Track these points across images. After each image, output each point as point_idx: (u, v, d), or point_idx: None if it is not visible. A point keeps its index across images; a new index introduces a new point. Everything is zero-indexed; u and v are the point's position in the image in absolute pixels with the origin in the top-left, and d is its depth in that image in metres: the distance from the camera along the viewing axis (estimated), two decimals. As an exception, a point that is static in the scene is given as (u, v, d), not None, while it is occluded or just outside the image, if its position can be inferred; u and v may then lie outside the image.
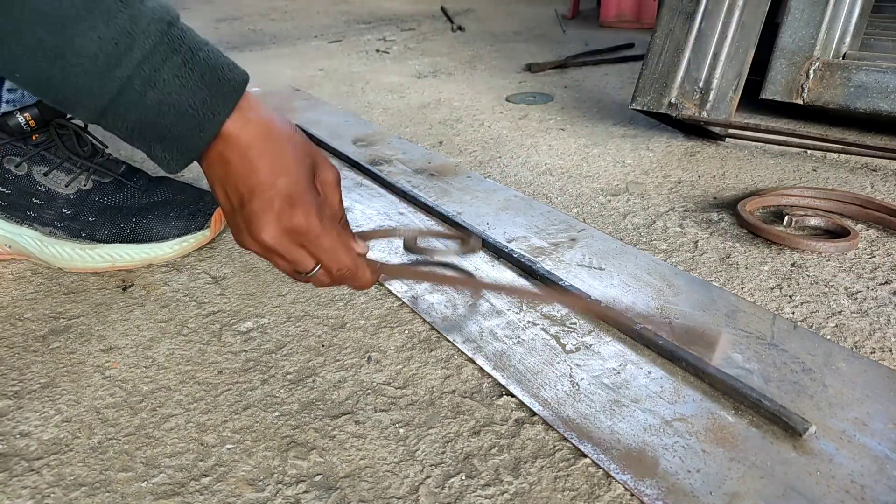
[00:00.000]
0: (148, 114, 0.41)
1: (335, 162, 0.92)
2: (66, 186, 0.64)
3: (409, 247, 0.57)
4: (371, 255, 0.51)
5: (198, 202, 0.68)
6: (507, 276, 0.62)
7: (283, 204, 0.45)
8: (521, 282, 0.55)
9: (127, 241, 0.64)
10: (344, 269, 0.49)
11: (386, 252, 0.67)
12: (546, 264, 0.61)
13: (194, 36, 0.43)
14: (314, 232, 0.47)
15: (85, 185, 0.65)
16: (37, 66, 0.39)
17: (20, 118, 0.62)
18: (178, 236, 0.65)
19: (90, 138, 0.68)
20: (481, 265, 0.64)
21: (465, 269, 0.60)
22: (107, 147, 0.69)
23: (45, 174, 0.64)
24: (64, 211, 0.64)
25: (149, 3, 0.42)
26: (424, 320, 0.55)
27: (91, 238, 0.64)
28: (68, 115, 0.67)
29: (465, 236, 0.64)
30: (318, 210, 0.47)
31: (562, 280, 0.59)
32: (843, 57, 0.97)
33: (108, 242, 0.64)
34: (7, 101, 0.62)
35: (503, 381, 0.48)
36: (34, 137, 0.64)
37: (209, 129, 0.43)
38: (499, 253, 0.65)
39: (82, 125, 0.68)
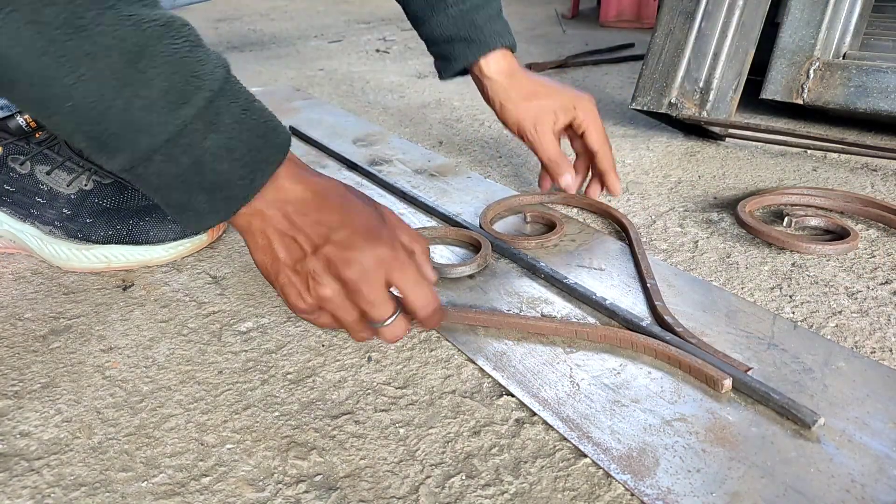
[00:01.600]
0: (203, 158, 0.39)
1: (334, 163, 0.92)
2: (68, 186, 0.64)
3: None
4: None
5: None
6: (510, 274, 0.62)
7: (365, 236, 0.43)
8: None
9: (123, 243, 0.64)
10: (428, 305, 0.46)
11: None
12: (546, 265, 0.61)
13: (244, 85, 0.42)
14: (401, 261, 0.45)
15: (86, 185, 0.65)
16: (100, 94, 0.36)
17: (20, 119, 0.62)
18: (175, 240, 0.65)
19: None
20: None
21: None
22: None
23: (48, 173, 0.64)
24: (64, 211, 0.64)
25: (210, 49, 0.40)
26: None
27: (87, 239, 0.64)
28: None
29: (476, 241, 0.65)
30: (399, 240, 0.45)
31: (566, 278, 0.59)
32: (844, 57, 0.97)
33: (103, 244, 0.64)
34: (2, 108, 0.62)
35: (503, 382, 0.48)
36: (37, 135, 0.64)
37: (261, 176, 0.41)
38: (502, 251, 0.65)
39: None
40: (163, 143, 0.38)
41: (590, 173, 0.75)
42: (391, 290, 0.46)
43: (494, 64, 0.71)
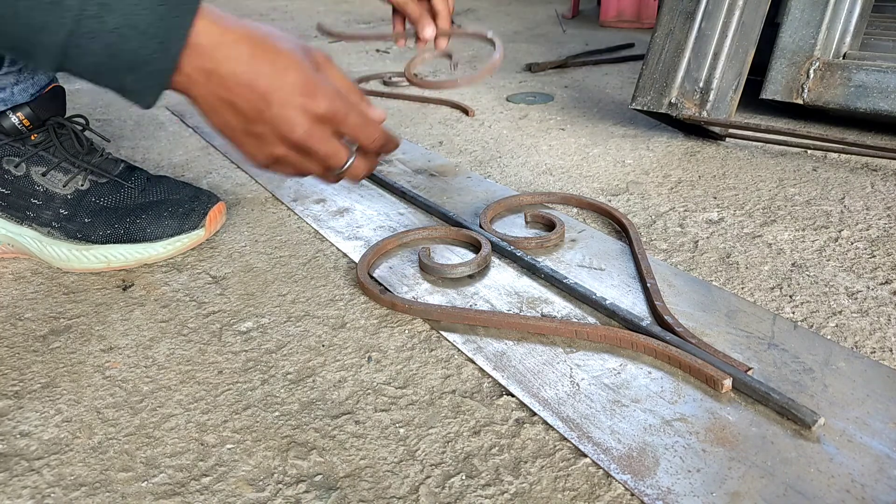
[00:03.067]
0: (111, 40, 0.39)
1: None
2: (64, 187, 0.64)
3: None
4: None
5: (193, 201, 0.67)
6: (510, 274, 0.62)
7: (303, 95, 0.44)
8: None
9: (121, 242, 0.64)
10: (378, 139, 0.49)
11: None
12: (546, 265, 0.61)
13: None
14: (342, 111, 0.46)
15: (82, 186, 0.65)
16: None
17: (13, 118, 0.62)
18: (172, 236, 0.65)
19: (89, 137, 0.68)
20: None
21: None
22: (109, 141, 0.69)
23: (44, 174, 0.64)
24: (61, 211, 0.64)
25: None
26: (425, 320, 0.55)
27: (86, 239, 0.64)
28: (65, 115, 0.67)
29: (476, 241, 0.65)
30: (335, 90, 0.46)
31: (565, 278, 0.59)
32: (844, 57, 0.97)
33: (102, 243, 0.64)
34: None
35: (503, 382, 0.48)
36: (33, 137, 0.64)
37: (176, 42, 0.40)
38: (501, 251, 0.65)
39: (82, 124, 0.67)
40: (66, 38, 0.38)
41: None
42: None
43: None
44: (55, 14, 0.38)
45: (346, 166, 0.48)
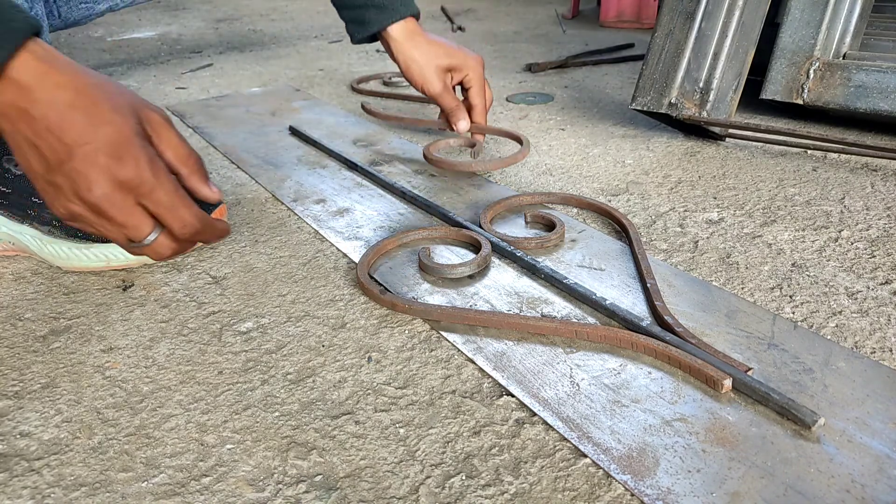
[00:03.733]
0: None
1: (334, 163, 0.92)
2: (66, 186, 0.64)
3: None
4: None
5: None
6: (510, 274, 0.62)
7: (110, 155, 0.41)
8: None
9: None
10: (188, 226, 0.45)
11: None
12: (546, 265, 0.61)
13: None
14: (147, 184, 0.42)
15: (84, 185, 0.65)
16: None
17: None
18: None
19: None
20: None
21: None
22: None
23: None
24: (63, 211, 0.64)
25: None
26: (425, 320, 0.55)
27: (87, 238, 0.64)
28: None
29: (476, 241, 0.65)
30: (150, 160, 0.42)
31: (566, 278, 0.59)
32: (844, 57, 0.97)
33: (102, 242, 0.64)
34: None
35: (503, 382, 0.48)
36: None
37: None
38: (501, 252, 0.65)
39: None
40: None
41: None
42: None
43: (399, 28, 0.83)
44: None
45: (145, 241, 0.44)
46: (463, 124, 0.88)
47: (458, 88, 0.91)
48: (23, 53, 0.40)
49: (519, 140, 0.86)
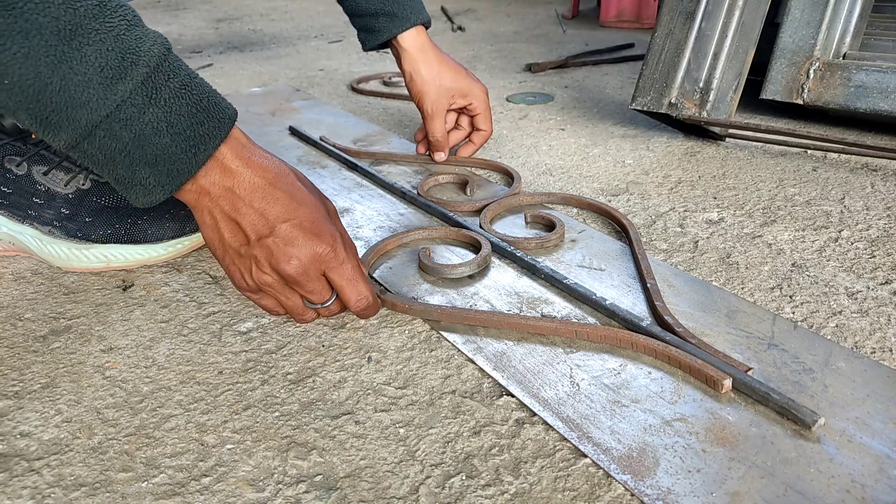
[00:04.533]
0: (144, 132, 0.40)
1: (334, 163, 0.92)
2: (66, 186, 0.64)
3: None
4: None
5: None
6: (510, 274, 0.62)
7: (309, 232, 0.45)
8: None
9: (121, 242, 0.64)
10: (363, 300, 0.50)
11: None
12: (546, 265, 0.61)
13: (186, 64, 0.43)
14: (339, 259, 0.47)
15: (83, 185, 0.65)
16: (36, 71, 0.37)
17: None
18: (173, 238, 0.65)
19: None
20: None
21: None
22: None
23: (45, 173, 0.64)
24: (62, 210, 0.64)
25: (149, 28, 0.41)
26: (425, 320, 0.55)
27: (87, 238, 0.64)
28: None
29: (476, 241, 0.65)
30: (341, 237, 0.47)
31: (566, 278, 0.59)
32: (844, 57, 0.97)
33: (102, 243, 0.64)
34: None
35: (503, 382, 0.48)
36: (34, 136, 0.64)
37: (203, 150, 0.42)
38: (501, 252, 0.65)
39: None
40: (103, 119, 0.39)
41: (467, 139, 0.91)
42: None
43: (410, 38, 0.82)
44: (104, 94, 0.39)
45: (326, 304, 0.50)
46: (440, 156, 0.88)
47: (450, 116, 0.90)
48: (229, 139, 0.44)
49: (510, 175, 0.84)
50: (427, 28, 0.85)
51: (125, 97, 0.39)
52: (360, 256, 0.65)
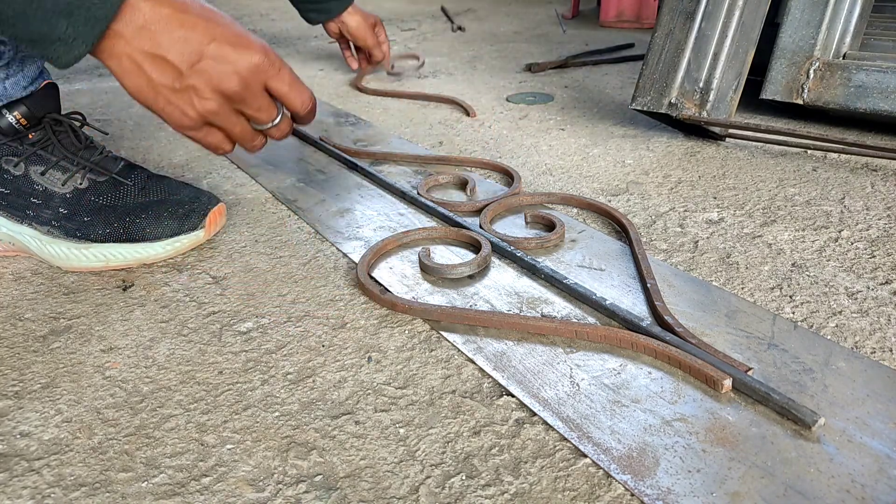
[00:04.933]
0: None
1: (334, 163, 0.92)
2: (63, 185, 0.64)
3: None
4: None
5: (193, 202, 0.67)
6: (510, 274, 0.62)
7: (239, 45, 0.44)
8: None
9: (120, 241, 0.64)
10: (308, 99, 0.49)
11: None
12: (546, 265, 0.61)
13: None
14: (276, 66, 0.46)
15: (81, 184, 0.65)
16: None
17: (10, 117, 0.62)
18: (171, 236, 0.65)
19: (88, 135, 0.68)
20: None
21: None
22: (107, 133, 0.69)
23: (42, 173, 0.64)
24: (60, 210, 0.64)
25: None
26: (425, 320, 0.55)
27: (85, 237, 0.64)
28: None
29: (476, 242, 0.65)
30: (267, 47, 0.46)
31: (566, 278, 0.59)
32: (844, 57, 0.97)
33: (101, 242, 0.64)
34: None
35: (503, 382, 0.48)
36: (30, 136, 0.64)
37: None
38: (501, 252, 0.65)
39: (79, 120, 0.67)
40: None
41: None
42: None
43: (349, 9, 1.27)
44: None
45: (275, 122, 0.49)
46: (378, 53, 1.34)
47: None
48: None
49: (510, 174, 0.84)
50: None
51: None
52: (360, 256, 0.65)
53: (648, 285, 0.57)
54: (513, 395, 0.47)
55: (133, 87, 0.45)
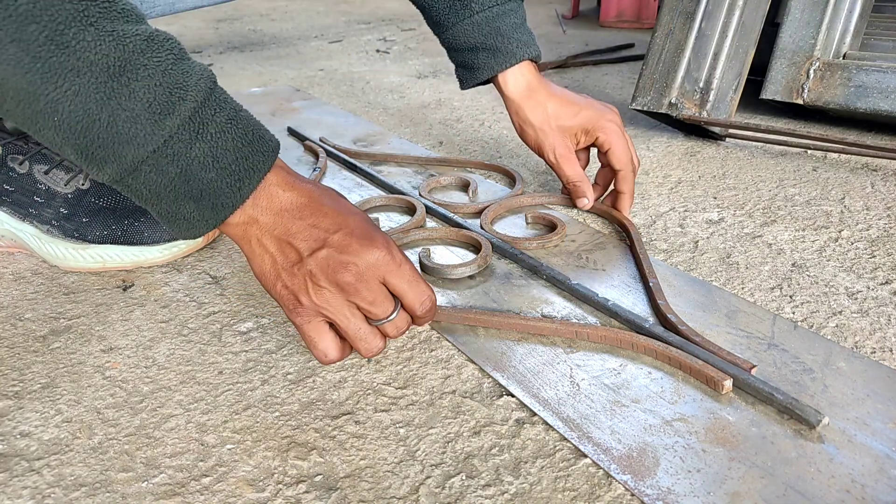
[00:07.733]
0: (191, 167, 0.40)
1: (333, 163, 0.92)
2: (66, 185, 0.64)
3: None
4: None
5: None
6: (510, 275, 0.62)
7: (363, 237, 0.44)
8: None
9: (117, 243, 0.64)
10: (427, 299, 0.47)
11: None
12: (547, 265, 0.61)
13: (231, 96, 0.43)
14: (397, 261, 0.45)
15: (83, 185, 0.65)
16: (85, 108, 0.37)
17: None
18: (169, 241, 0.65)
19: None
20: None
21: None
22: None
23: (46, 172, 0.64)
24: (61, 210, 0.64)
25: (195, 62, 0.41)
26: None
27: (83, 238, 0.64)
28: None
29: (476, 242, 0.65)
30: (392, 244, 0.46)
31: (566, 278, 0.59)
32: (844, 57, 0.97)
33: (98, 243, 0.64)
34: None
35: (503, 382, 0.48)
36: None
37: (248, 184, 0.42)
38: (502, 252, 0.65)
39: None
40: (149, 154, 0.39)
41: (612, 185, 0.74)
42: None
43: (513, 79, 0.70)
44: (151, 130, 0.38)
45: (391, 317, 0.46)
46: (584, 202, 0.72)
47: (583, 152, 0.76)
48: (273, 168, 0.44)
49: (510, 175, 0.82)
50: (537, 63, 0.72)
51: (172, 132, 0.39)
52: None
53: (651, 284, 0.57)
54: (513, 396, 0.47)
55: (258, 270, 0.45)
